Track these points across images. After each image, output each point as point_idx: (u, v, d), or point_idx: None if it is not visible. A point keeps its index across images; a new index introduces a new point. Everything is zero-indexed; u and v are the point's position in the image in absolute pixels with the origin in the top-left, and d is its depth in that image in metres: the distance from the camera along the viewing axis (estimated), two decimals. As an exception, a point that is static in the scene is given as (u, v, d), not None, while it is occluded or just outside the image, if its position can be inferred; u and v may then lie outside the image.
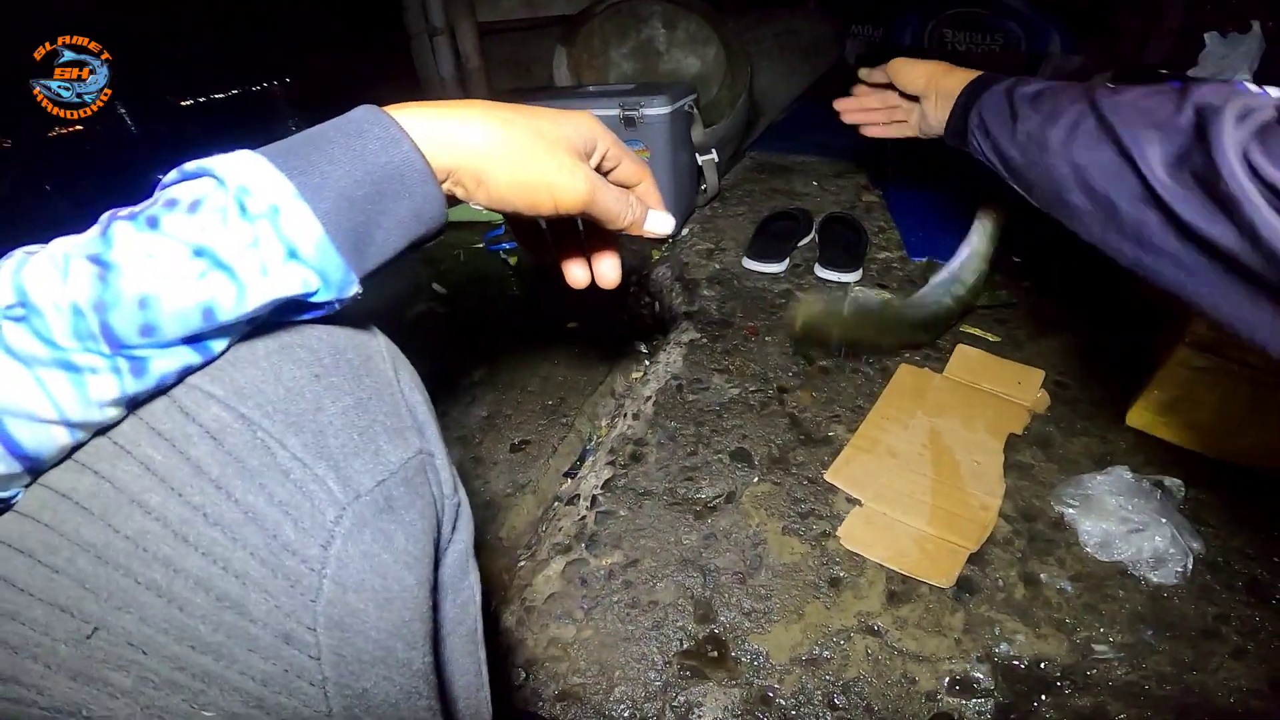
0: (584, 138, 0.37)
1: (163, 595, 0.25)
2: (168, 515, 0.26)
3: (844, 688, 0.64)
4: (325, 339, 0.31)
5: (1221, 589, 0.72)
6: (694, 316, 1.17)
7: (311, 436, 0.28)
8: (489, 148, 0.33)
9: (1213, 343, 0.77)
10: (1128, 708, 0.62)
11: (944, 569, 0.72)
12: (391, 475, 0.30)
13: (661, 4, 1.71)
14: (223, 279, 0.25)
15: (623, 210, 0.40)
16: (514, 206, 0.36)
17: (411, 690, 0.30)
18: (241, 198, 0.26)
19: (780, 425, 0.92)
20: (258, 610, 0.26)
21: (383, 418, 0.31)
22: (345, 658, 0.28)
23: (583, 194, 0.36)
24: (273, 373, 0.29)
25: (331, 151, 0.29)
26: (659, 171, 1.35)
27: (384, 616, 0.29)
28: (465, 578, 0.36)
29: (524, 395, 1.01)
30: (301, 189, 0.27)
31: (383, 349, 0.34)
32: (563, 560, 0.76)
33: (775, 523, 0.78)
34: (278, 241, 0.26)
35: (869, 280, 1.25)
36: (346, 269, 0.29)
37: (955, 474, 0.82)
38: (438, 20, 2.12)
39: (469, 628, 0.37)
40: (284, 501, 0.27)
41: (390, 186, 0.30)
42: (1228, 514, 0.79)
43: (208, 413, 0.27)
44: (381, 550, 0.29)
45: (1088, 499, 0.77)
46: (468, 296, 1.32)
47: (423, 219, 0.32)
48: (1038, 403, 0.93)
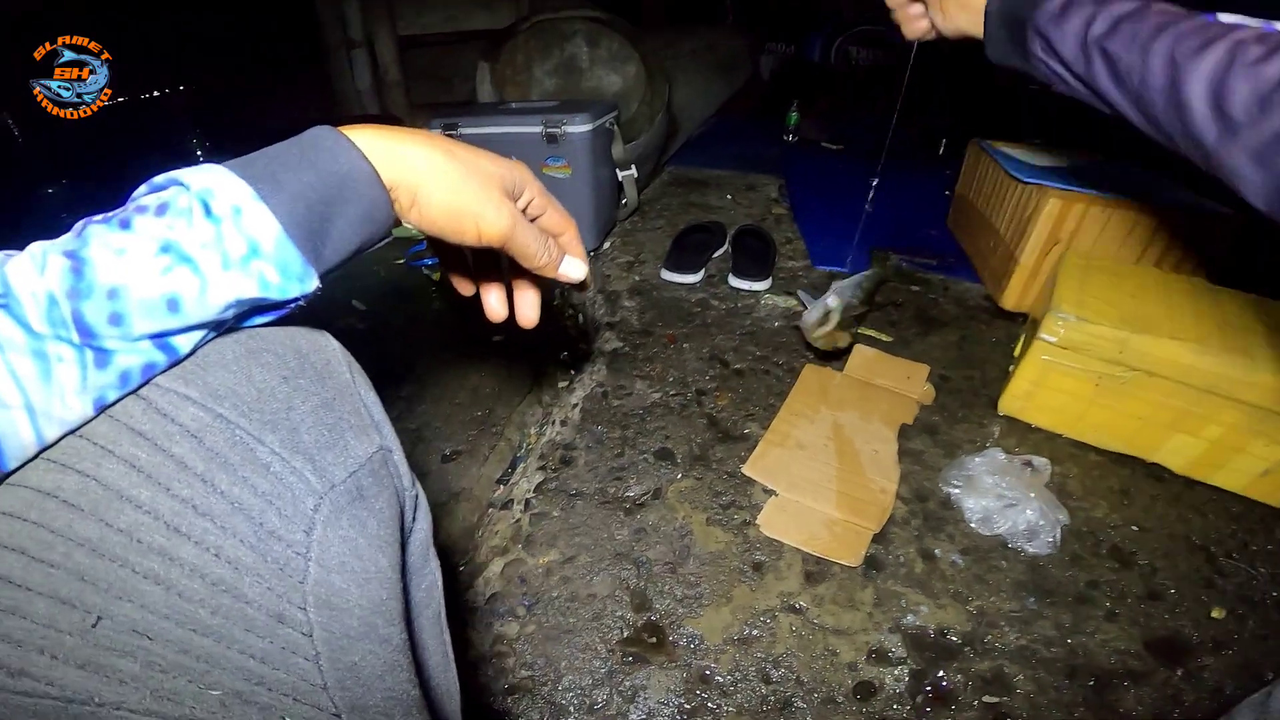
0: (514, 181, 0.41)
1: (161, 583, 0.27)
2: (159, 508, 0.27)
3: (775, 662, 0.70)
4: (288, 343, 0.33)
5: (1089, 556, 0.82)
6: (616, 326, 1.23)
7: (286, 433, 0.30)
8: (429, 171, 0.36)
9: (1065, 341, 0.90)
10: (1023, 670, 0.70)
11: (852, 549, 0.80)
12: (361, 467, 0.33)
13: (584, 22, 1.76)
14: (187, 272, 0.28)
15: (540, 250, 0.42)
16: (441, 230, 0.38)
17: (394, 664, 0.33)
18: (205, 199, 0.28)
19: (700, 425, 0.99)
20: (252, 593, 0.28)
21: (347, 416, 0.34)
22: (334, 633, 0.30)
23: (505, 227, 0.39)
24: (244, 375, 0.31)
25: (287, 161, 0.31)
26: (581, 187, 1.41)
27: (365, 595, 0.31)
28: (428, 563, 0.40)
29: (452, 408, 1.04)
30: (260, 192, 0.29)
31: (339, 353, 0.36)
32: (501, 561, 0.80)
33: (700, 515, 0.85)
34: (239, 238, 0.29)
35: (778, 288, 1.35)
36: (305, 263, 0.31)
37: (856, 462, 0.92)
38: (356, 32, 2.09)
39: (435, 610, 0.41)
40: (266, 492, 0.29)
41: (342, 191, 0.32)
42: (1088, 488, 0.91)
43: (185, 413, 0.29)
44: (357, 535, 0.31)
45: (969, 479, 0.88)
46: (390, 312, 1.32)
47: (373, 220, 0.34)
48: (925, 395, 1.05)
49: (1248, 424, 0.84)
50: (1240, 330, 0.87)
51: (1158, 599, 0.78)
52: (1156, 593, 0.78)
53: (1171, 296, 0.94)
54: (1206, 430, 0.87)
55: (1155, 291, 0.94)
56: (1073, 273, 0.98)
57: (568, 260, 0.46)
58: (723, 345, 1.18)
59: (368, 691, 0.32)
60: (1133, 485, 0.92)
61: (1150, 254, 1.11)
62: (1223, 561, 0.82)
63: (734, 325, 1.24)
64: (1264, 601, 0.78)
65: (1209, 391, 0.84)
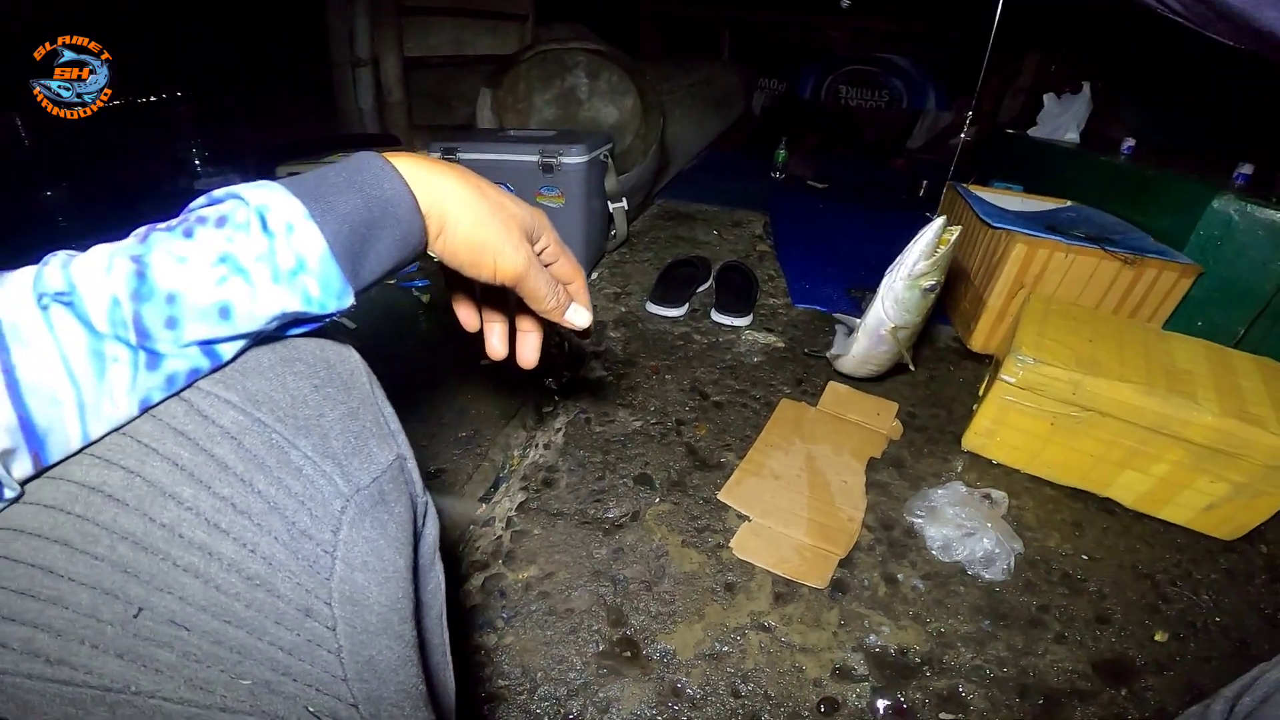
0: (533, 225, 0.43)
1: (200, 577, 0.28)
2: (200, 505, 0.29)
3: (744, 677, 0.73)
4: (318, 353, 0.35)
5: (1041, 583, 0.87)
6: (601, 356, 1.28)
7: (318, 439, 0.32)
8: (460, 204, 0.38)
9: (1024, 382, 0.96)
10: (977, 688, 0.74)
11: (819, 572, 0.85)
12: (383, 473, 0.35)
13: (586, 54, 1.83)
14: (240, 282, 0.29)
15: (549, 294, 0.44)
16: (461, 262, 0.40)
17: (406, 659, 0.35)
18: (263, 214, 0.30)
19: (679, 453, 1.04)
20: (284, 588, 0.30)
21: (370, 424, 0.36)
22: (356, 628, 0.32)
23: (520, 267, 0.41)
24: (279, 382, 0.33)
25: (337, 183, 0.33)
26: (573, 217, 1.47)
27: (384, 593, 0.33)
28: (434, 566, 0.42)
29: (438, 427, 1.08)
30: (311, 211, 0.31)
31: (361, 364, 0.38)
32: (481, 576, 0.84)
33: (675, 537, 0.89)
34: (289, 253, 0.31)
35: (759, 324, 1.42)
36: (344, 281, 0.33)
37: (827, 492, 0.97)
38: (364, 51, 2.10)
39: (438, 610, 0.43)
40: (299, 494, 0.31)
41: (384, 215, 0.35)
42: (1042, 520, 0.97)
43: (226, 416, 0.30)
44: (379, 536, 0.33)
45: (932, 510, 0.93)
46: (380, 332, 1.36)
47: (408, 245, 0.36)
48: (893, 430, 1.12)
49: (1192, 461, 0.90)
50: (1186, 374, 0.94)
51: (1105, 623, 0.83)
52: (1104, 617, 0.84)
53: (1124, 341, 1.01)
54: (1154, 468, 0.93)
55: (1110, 336, 1.01)
56: (1034, 316, 1.05)
57: (574, 308, 0.48)
58: (703, 378, 1.23)
59: (383, 684, 0.34)
60: (1085, 518, 0.98)
61: (1110, 298, 1.18)
62: (1167, 589, 0.88)
63: (715, 359, 1.30)
64: (1206, 626, 0.84)
65: (1156, 431, 0.90)
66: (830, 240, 1.91)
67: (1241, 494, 0.90)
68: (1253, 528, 0.94)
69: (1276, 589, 0.90)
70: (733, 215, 2.08)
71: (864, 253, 1.83)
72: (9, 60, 0.93)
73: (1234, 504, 0.92)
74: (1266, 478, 0.88)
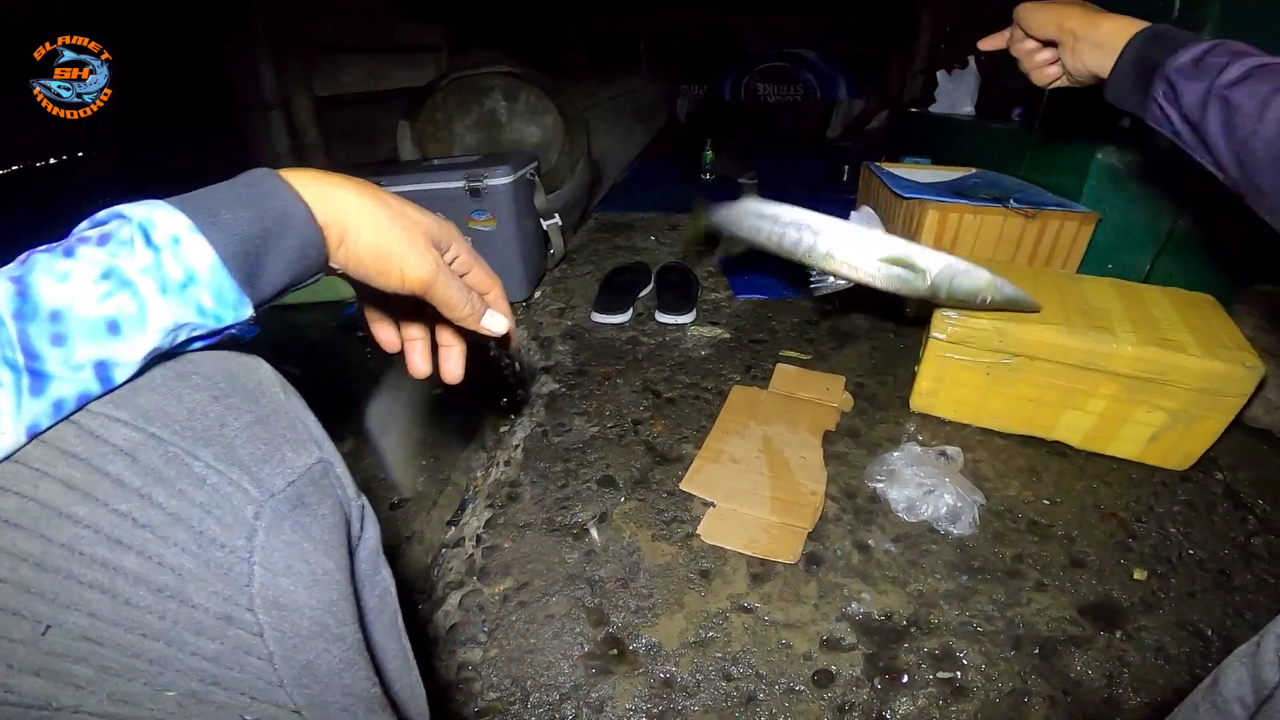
0: (440, 234, 0.44)
1: (106, 591, 0.29)
2: (98, 522, 0.29)
3: (733, 660, 0.75)
4: (218, 365, 0.35)
5: (1009, 533, 0.90)
6: (552, 370, 1.31)
7: (221, 448, 0.32)
8: (359, 213, 0.39)
9: (953, 336, 1.03)
10: (969, 644, 0.76)
11: (789, 547, 0.88)
12: (300, 477, 0.35)
13: (501, 77, 1.86)
14: (126, 296, 0.30)
15: (463, 301, 0.44)
16: (367, 271, 0.40)
17: (350, 662, 0.35)
18: (146, 229, 0.31)
19: (638, 452, 1.07)
20: (198, 597, 0.30)
21: (283, 431, 0.35)
22: (285, 633, 0.32)
23: (428, 273, 0.41)
24: (173, 396, 0.32)
25: (224, 197, 0.34)
26: (507, 238, 1.49)
27: (314, 596, 0.33)
28: (379, 571, 0.43)
29: (397, 459, 1.09)
30: (198, 224, 0.32)
31: (271, 374, 0.38)
32: (458, 594, 0.85)
33: (645, 532, 0.92)
34: (177, 266, 0.31)
35: (703, 319, 1.47)
36: (239, 291, 0.33)
37: (786, 469, 1.02)
38: (270, 94, 2.07)
39: (390, 615, 0.44)
40: (204, 503, 0.31)
41: (277, 226, 0.35)
42: (999, 470, 1.02)
43: (117, 434, 0.30)
44: (301, 540, 0.33)
45: (891, 473, 0.98)
46: (326, 374, 1.36)
47: (306, 257, 0.37)
48: (844, 403, 1.17)
49: (1126, 394, 0.97)
50: (1101, 311, 1.02)
51: (1081, 566, 0.86)
52: (1079, 560, 0.87)
53: (1040, 286, 1.08)
54: (1091, 404, 1.00)
55: (1025, 284, 1.08)
56: (955, 276, 1.12)
57: (490, 314, 0.48)
58: (654, 377, 1.27)
59: (326, 689, 0.35)
60: (1039, 463, 1.04)
61: (1022, 252, 1.27)
62: (1134, 525, 0.92)
63: (664, 358, 1.34)
64: (1182, 559, 0.88)
65: (1084, 367, 0.97)
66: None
67: (1179, 420, 0.97)
68: (1201, 454, 1.00)
69: (1242, 516, 0.95)
70: (668, 219, 2.15)
71: (798, 239, 1.91)
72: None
73: (1175, 431, 0.98)
74: (1199, 401, 0.94)
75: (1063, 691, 0.72)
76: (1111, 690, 0.72)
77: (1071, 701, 0.71)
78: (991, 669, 0.74)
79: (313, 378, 1.34)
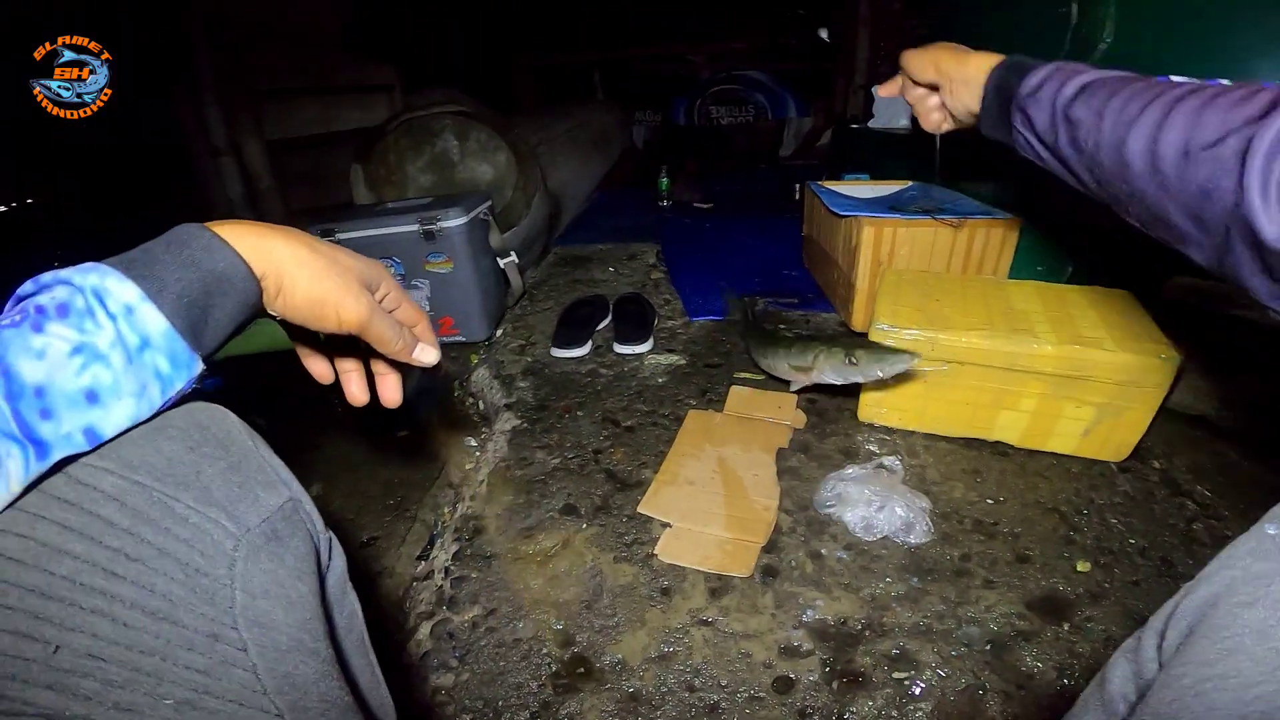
0: (371, 275, 0.48)
1: (106, 615, 0.33)
2: (94, 557, 0.33)
3: (695, 672, 0.79)
4: (190, 418, 0.40)
5: (957, 534, 0.95)
6: (513, 407, 1.36)
7: (199, 491, 0.37)
8: (294, 262, 0.42)
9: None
10: (923, 644, 0.79)
11: (743, 562, 0.93)
12: (273, 514, 0.40)
13: (451, 117, 1.91)
14: (100, 368, 0.34)
15: (395, 337, 0.49)
16: (304, 317, 0.44)
17: (325, 673, 0.41)
18: (102, 299, 0.34)
19: (599, 480, 1.12)
20: (188, 618, 0.35)
21: (254, 474, 0.40)
22: (266, 648, 0.38)
23: (363, 315, 0.45)
24: (153, 447, 0.37)
25: (165, 260, 0.37)
26: (464, 279, 1.54)
27: (290, 615, 0.39)
28: (346, 595, 0.48)
29: (365, 500, 1.14)
30: (147, 291, 0.35)
31: (238, 424, 0.43)
32: (428, 623, 0.89)
33: (607, 555, 0.97)
34: (133, 334, 0.35)
35: (660, 347, 1.54)
36: (190, 352, 0.38)
37: (740, 487, 1.07)
38: (219, 139, 2.09)
39: (358, 634, 0.50)
40: (188, 539, 0.36)
41: (219, 285, 0.39)
42: (943, 473, 1.08)
43: (105, 481, 0.35)
44: (277, 567, 0.39)
45: (839, 496, 1.01)
46: (292, 421, 1.39)
47: (247, 308, 0.41)
48: (796, 419, 1.24)
49: (1053, 391, 1.04)
50: (1023, 313, 1.10)
51: (1026, 562, 0.90)
52: (1024, 556, 0.91)
53: (967, 295, 1.17)
54: (1023, 403, 1.08)
55: (954, 293, 1.18)
56: (889, 288, 1.20)
57: (421, 346, 0.53)
58: (613, 407, 1.33)
59: (305, 695, 0.40)
60: (981, 464, 1.09)
61: (955, 261, 1.36)
62: (1075, 519, 0.97)
63: (622, 388, 1.40)
64: (1124, 549, 0.92)
65: (1010, 369, 1.05)
66: (718, 255, 2.09)
67: (1107, 414, 1.03)
68: (1135, 444, 1.05)
69: (1180, 502, 1.00)
70: (627, 249, 2.22)
71: (751, 260, 2.01)
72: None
73: (1105, 424, 1.04)
74: (1122, 394, 1.00)
75: (1016, 686, 0.75)
76: (1064, 682, 0.75)
77: (1026, 695, 0.74)
78: (946, 667, 0.77)
79: (279, 426, 1.38)
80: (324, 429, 1.38)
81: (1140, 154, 0.51)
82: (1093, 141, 0.58)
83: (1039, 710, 0.74)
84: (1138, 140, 0.52)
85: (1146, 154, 0.51)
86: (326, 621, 0.43)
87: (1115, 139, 0.54)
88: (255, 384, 1.50)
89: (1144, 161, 0.51)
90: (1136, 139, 0.52)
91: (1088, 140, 0.58)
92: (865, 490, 1.00)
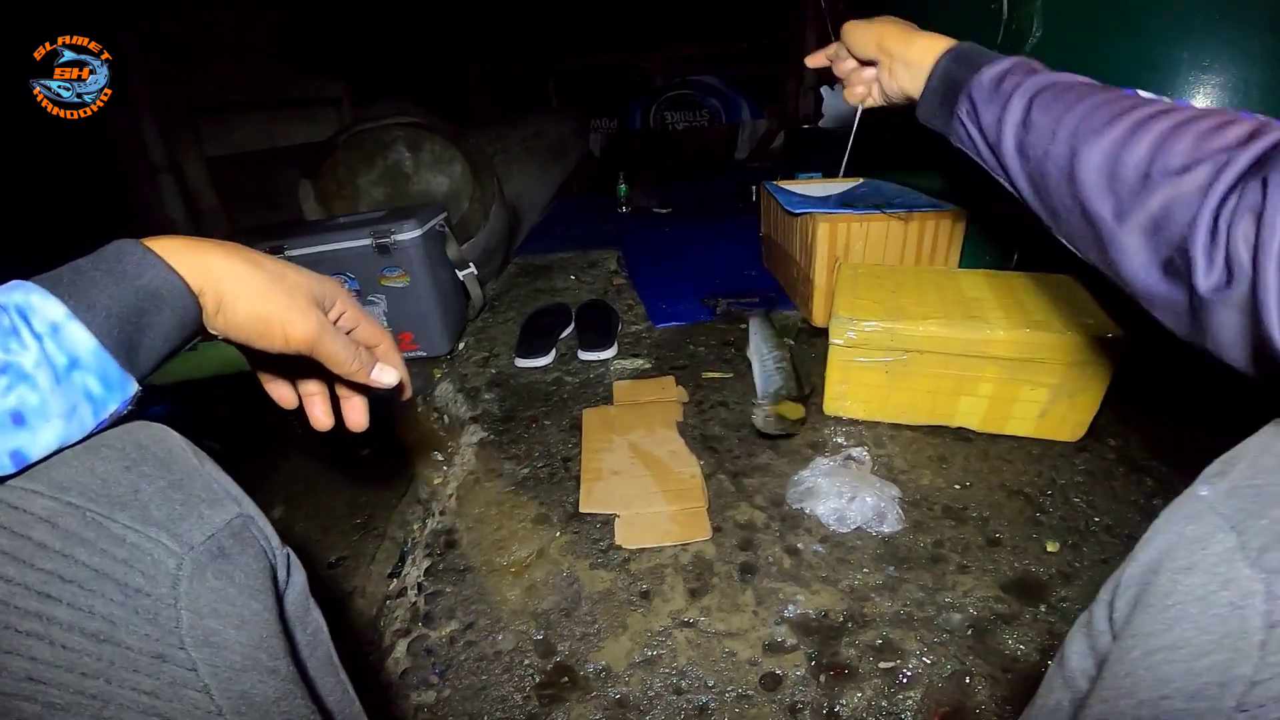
0: (323, 292, 0.46)
1: (43, 639, 0.33)
2: (27, 580, 0.32)
3: (681, 674, 0.79)
4: (127, 437, 0.39)
5: (928, 520, 0.97)
6: (479, 419, 1.37)
7: (137, 510, 0.36)
8: (234, 278, 0.41)
9: (850, 341, 1.14)
10: (905, 632, 0.80)
11: (699, 526, 0.98)
12: (219, 531, 0.39)
13: (403, 129, 1.90)
14: (25, 389, 0.33)
15: (350, 357, 0.47)
16: (248, 336, 0.42)
17: (286, 692, 0.40)
18: (27, 318, 0.33)
19: (569, 487, 1.13)
20: (130, 640, 0.34)
21: (199, 492, 0.39)
22: (218, 667, 0.37)
23: (311, 333, 0.44)
24: (86, 468, 0.36)
25: (94, 277, 0.36)
26: (422, 293, 1.54)
27: (243, 634, 0.38)
28: (309, 612, 0.48)
29: (330, 520, 1.12)
30: (74, 309, 0.34)
31: (182, 443, 0.41)
32: (405, 641, 0.89)
33: (583, 562, 0.97)
34: (60, 353, 0.34)
35: (624, 353, 1.56)
36: (122, 372, 0.36)
37: (661, 465, 1.13)
38: (157, 156, 2.03)
39: (324, 652, 0.49)
40: (126, 559, 0.35)
41: (152, 302, 0.37)
42: (909, 461, 1.11)
43: (36, 504, 0.34)
44: (226, 585, 0.38)
45: (808, 491, 1.04)
46: (249, 445, 1.37)
47: (184, 327, 0.40)
48: (680, 395, 1.33)
49: (1008, 375, 1.09)
50: (975, 301, 1.15)
51: (998, 545, 0.92)
52: (994, 540, 0.93)
53: (921, 285, 1.22)
54: (981, 388, 1.12)
55: (909, 284, 1.23)
56: (846, 283, 1.25)
57: (380, 367, 0.51)
58: (581, 414, 1.34)
59: (265, 715, 0.39)
60: (946, 451, 1.13)
61: (908, 254, 1.42)
62: (1040, 500, 1.00)
63: (589, 395, 1.41)
64: (1090, 528, 0.94)
65: (966, 355, 1.09)
66: (679, 259, 2.12)
67: (1061, 394, 1.08)
68: (1089, 424, 1.10)
69: (1139, 478, 1.03)
70: (588, 257, 2.24)
71: (712, 263, 2.05)
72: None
73: (1061, 405, 1.09)
74: (1073, 374, 1.05)
75: (1002, 669, 0.76)
76: (1048, 664, 0.75)
77: (1012, 678, 0.75)
78: (930, 654, 0.78)
79: (235, 450, 1.36)
80: (283, 451, 1.36)
81: (1096, 168, 0.49)
82: (1043, 149, 0.56)
83: (1027, 693, 0.74)
84: (1095, 154, 0.50)
85: (1104, 169, 0.49)
86: (288, 639, 0.43)
87: (1068, 150, 0.52)
88: (208, 408, 1.48)
89: (1099, 176, 0.49)
90: (1094, 152, 0.50)
91: (1038, 146, 0.56)
92: (835, 482, 1.02)
